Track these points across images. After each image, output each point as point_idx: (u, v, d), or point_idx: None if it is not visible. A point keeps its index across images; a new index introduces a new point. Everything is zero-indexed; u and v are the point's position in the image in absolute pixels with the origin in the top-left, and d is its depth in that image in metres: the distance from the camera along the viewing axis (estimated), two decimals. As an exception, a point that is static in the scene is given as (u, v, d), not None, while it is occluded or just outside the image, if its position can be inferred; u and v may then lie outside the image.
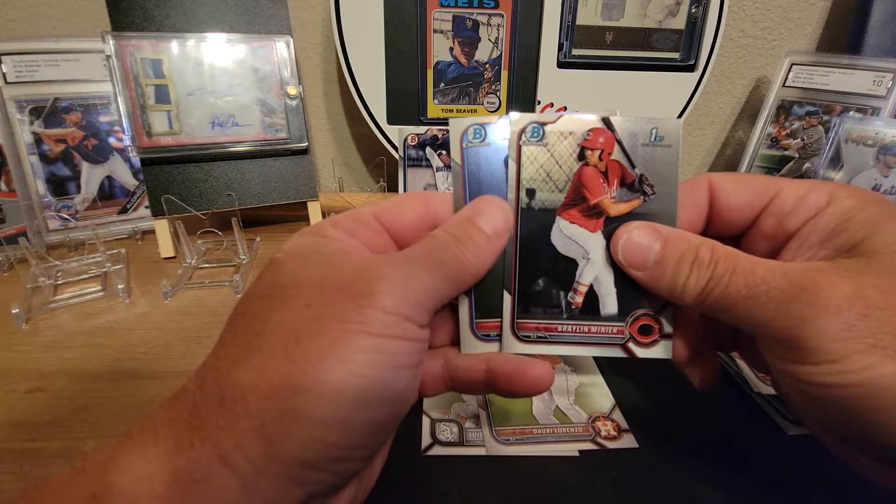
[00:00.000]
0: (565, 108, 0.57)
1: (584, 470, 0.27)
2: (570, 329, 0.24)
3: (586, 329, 0.24)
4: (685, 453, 0.28)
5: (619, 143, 0.23)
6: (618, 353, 0.24)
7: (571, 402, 0.32)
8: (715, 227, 0.24)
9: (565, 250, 0.24)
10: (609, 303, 0.24)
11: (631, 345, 0.24)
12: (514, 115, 0.23)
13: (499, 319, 0.23)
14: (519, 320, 0.24)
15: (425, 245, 0.20)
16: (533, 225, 0.24)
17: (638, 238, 0.22)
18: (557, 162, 0.23)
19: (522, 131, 0.23)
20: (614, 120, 0.23)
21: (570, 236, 0.24)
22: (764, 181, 0.23)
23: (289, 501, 0.16)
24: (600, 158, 0.23)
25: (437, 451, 0.28)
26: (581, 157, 0.23)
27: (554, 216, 0.24)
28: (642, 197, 0.23)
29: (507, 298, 0.24)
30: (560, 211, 0.24)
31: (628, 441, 0.29)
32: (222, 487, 0.15)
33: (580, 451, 0.28)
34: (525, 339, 0.24)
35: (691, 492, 0.26)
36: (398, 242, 0.22)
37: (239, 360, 0.17)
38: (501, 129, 0.23)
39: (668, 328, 0.24)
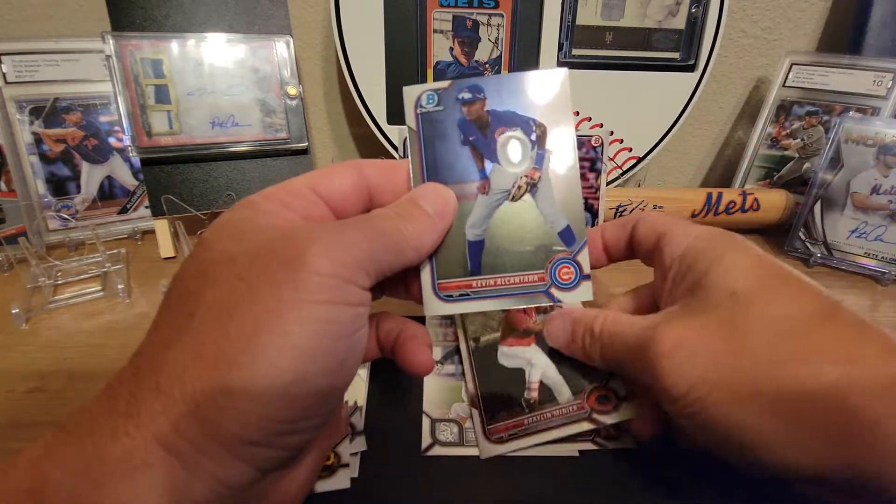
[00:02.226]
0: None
1: (584, 469, 0.27)
2: (536, 419, 0.29)
3: (549, 415, 0.29)
4: (684, 451, 0.28)
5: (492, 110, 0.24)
6: (586, 426, 0.28)
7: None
8: (633, 252, 0.29)
9: (512, 365, 0.32)
10: (562, 391, 0.30)
11: (595, 416, 0.28)
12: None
13: (463, 279, 0.24)
14: (489, 427, 0.29)
15: (365, 216, 0.20)
16: (484, 358, 0.32)
17: (556, 324, 0.29)
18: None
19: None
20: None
21: (513, 355, 0.32)
22: (665, 220, 0.27)
23: (240, 478, 0.16)
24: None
25: (437, 451, 0.28)
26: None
27: (497, 347, 0.33)
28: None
29: (475, 412, 0.30)
30: (501, 342, 0.33)
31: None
32: (165, 471, 0.15)
33: (580, 452, 0.28)
34: (499, 441, 0.28)
35: (691, 492, 0.26)
36: (336, 213, 0.22)
37: (172, 341, 0.16)
38: (454, 93, 0.24)
39: (622, 392, 0.29)
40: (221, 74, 0.49)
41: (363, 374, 0.33)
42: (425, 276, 0.23)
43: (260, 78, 0.50)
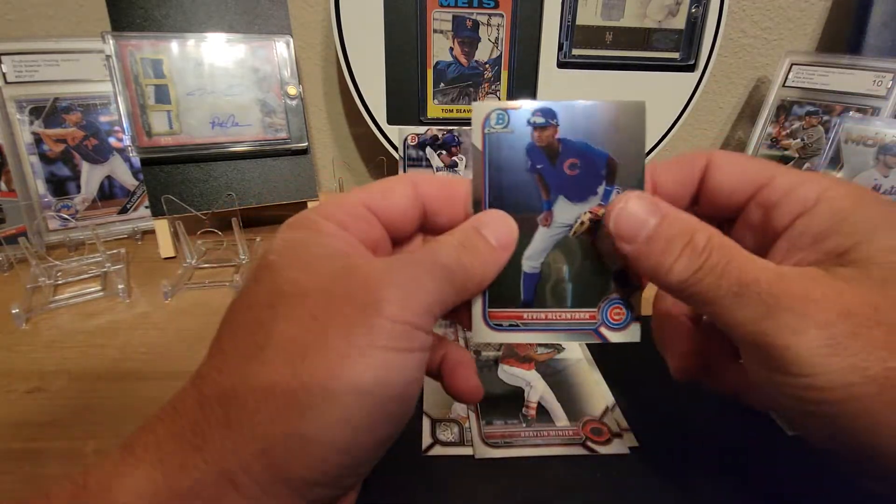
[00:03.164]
0: (565, 108, 0.57)
1: (583, 469, 0.27)
2: (532, 434, 0.29)
3: (546, 433, 0.29)
4: (685, 453, 0.28)
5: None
6: (580, 451, 0.28)
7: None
8: (703, 209, 0.22)
9: (512, 383, 0.33)
10: (559, 415, 0.31)
11: (589, 443, 0.29)
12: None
13: (514, 310, 0.23)
14: (485, 430, 0.29)
15: (431, 250, 0.19)
16: (484, 369, 0.34)
17: (634, 209, 0.20)
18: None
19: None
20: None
21: (513, 374, 0.34)
22: (759, 165, 0.21)
23: None
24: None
25: (438, 451, 0.28)
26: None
27: (497, 362, 0.35)
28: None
29: (472, 416, 0.30)
30: (501, 360, 0.35)
31: (619, 446, 0.29)
32: None
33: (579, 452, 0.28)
34: (494, 445, 0.29)
35: (691, 492, 0.26)
36: (390, 231, 0.22)
37: (242, 374, 0.16)
38: (525, 115, 0.23)
39: (616, 428, 0.30)
40: (221, 74, 0.49)
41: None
42: (477, 303, 0.23)
43: (260, 78, 0.50)
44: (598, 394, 0.32)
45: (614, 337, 0.23)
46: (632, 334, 0.23)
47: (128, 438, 0.16)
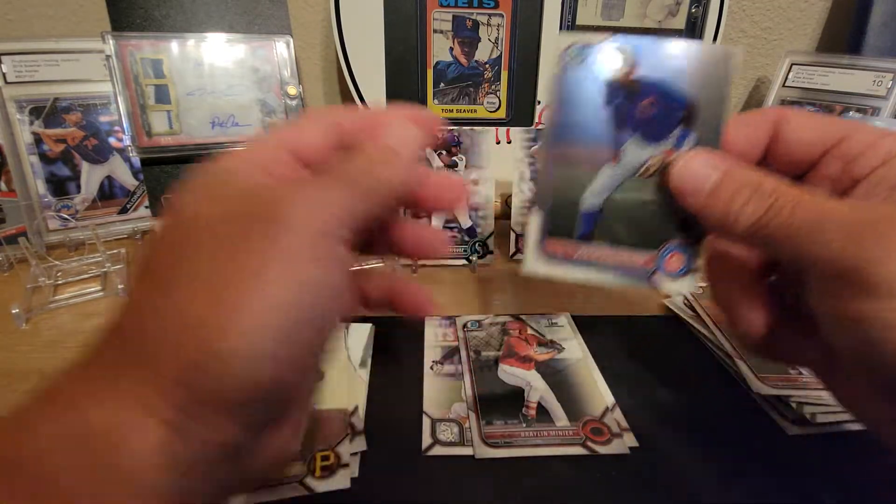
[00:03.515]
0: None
1: (584, 469, 0.27)
2: (532, 434, 0.29)
3: (546, 433, 0.29)
4: (685, 453, 0.28)
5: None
6: (580, 451, 0.28)
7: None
8: (774, 163, 0.23)
9: (511, 382, 0.33)
10: (559, 415, 0.31)
11: (589, 443, 0.29)
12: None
13: (570, 241, 0.22)
14: (486, 430, 0.29)
15: (335, 165, 0.20)
16: (483, 368, 0.34)
17: (696, 166, 0.21)
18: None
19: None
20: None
21: (513, 374, 0.34)
22: (832, 122, 0.22)
23: (231, 438, 0.16)
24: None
25: (438, 451, 0.28)
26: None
27: (497, 362, 0.35)
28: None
29: (472, 416, 0.30)
30: (501, 360, 0.35)
31: (619, 446, 0.29)
32: (155, 438, 0.15)
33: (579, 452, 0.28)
34: (494, 445, 0.28)
35: (691, 492, 0.26)
36: (314, 173, 0.21)
37: (155, 307, 0.16)
38: (607, 50, 0.22)
39: (616, 428, 0.29)
40: (221, 74, 0.49)
41: (363, 374, 0.33)
42: (532, 230, 0.22)
43: (260, 78, 0.50)
44: (598, 394, 0.32)
45: (668, 285, 0.22)
46: (687, 285, 0.22)
47: (42, 389, 0.16)
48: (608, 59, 0.22)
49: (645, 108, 0.22)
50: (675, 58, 0.22)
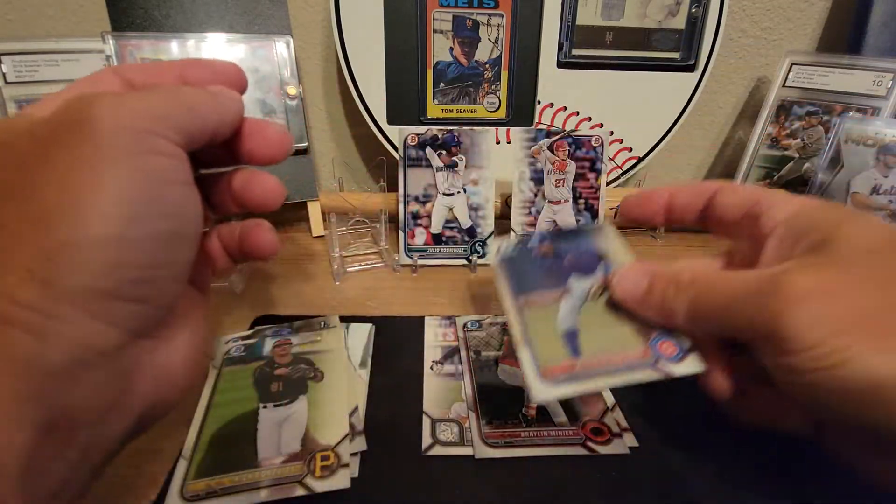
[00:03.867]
0: (565, 108, 0.57)
1: (585, 470, 0.27)
2: (532, 434, 0.29)
3: (546, 434, 0.29)
4: (685, 453, 0.28)
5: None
6: (580, 451, 0.28)
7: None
8: (710, 224, 0.29)
9: (511, 383, 0.33)
10: (559, 413, 0.31)
11: (590, 443, 0.29)
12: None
13: (565, 362, 0.26)
14: (486, 431, 0.29)
15: (157, 85, 0.21)
16: (483, 368, 0.34)
17: (629, 278, 0.27)
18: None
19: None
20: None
21: (513, 374, 0.33)
22: (753, 190, 0.27)
23: (103, 339, 0.16)
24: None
25: (438, 451, 0.28)
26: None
27: (497, 363, 0.35)
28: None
29: (472, 415, 0.30)
30: (501, 360, 0.35)
31: (619, 446, 0.29)
32: (13, 346, 0.14)
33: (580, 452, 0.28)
34: (494, 445, 0.28)
35: (691, 492, 0.26)
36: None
37: None
38: (526, 241, 0.33)
39: (616, 428, 0.30)
40: (221, 74, 0.49)
41: (363, 374, 0.34)
42: (527, 363, 0.25)
43: (260, 78, 0.50)
44: (599, 394, 0.32)
45: (676, 369, 0.25)
46: (693, 364, 0.25)
47: None
48: (533, 244, 0.32)
49: (570, 260, 0.31)
50: (573, 233, 0.33)
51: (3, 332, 0.14)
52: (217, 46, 0.48)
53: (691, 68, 0.56)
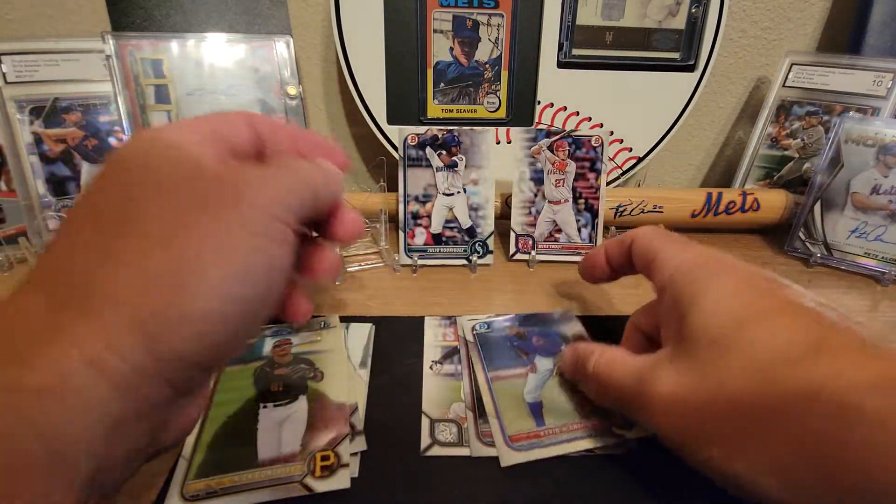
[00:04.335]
0: (565, 108, 0.57)
1: (586, 471, 0.27)
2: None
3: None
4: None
5: None
6: (579, 451, 0.29)
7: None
8: (635, 269, 0.31)
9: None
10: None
11: (615, 429, 0.30)
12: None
13: (530, 430, 0.29)
14: (483, 431, 0.30)
15: (286, 162, 0.21)
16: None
17: (566, 358, 0.31)
18: None
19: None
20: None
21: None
22: (651, 243, 0.29)
23: (159, 397, 0.16)
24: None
25: (437, 451, 0.28)
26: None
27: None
28: None
29: (470, 416, 0.31)
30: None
31: (618, 446, 0.28)
32: (94, 392, 0.14)
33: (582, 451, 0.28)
34: (492, 445, 0.29)
35: (690, 492, 0.26)
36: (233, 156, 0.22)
37: (107, 256, 0.16)
38: (496, 323, 0.38)
39: (616, 427, 0.30)
40: (221, 74, 0.49)
41: (363, 374, 0.34)
42: (496, 431, 0.29)
43: (260, 78, 0.50)
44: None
45: (629, 434, 0.28)
46: (645, 428, 0.27)
47: None
48: (502, 325, 0.37)
49: (537, 340, 0.36)
50: (540, 318, 0.38)
51: (92, 378, 0.14)
52: (217, 46, 0.49)
53: (691, 68, 0.56)
